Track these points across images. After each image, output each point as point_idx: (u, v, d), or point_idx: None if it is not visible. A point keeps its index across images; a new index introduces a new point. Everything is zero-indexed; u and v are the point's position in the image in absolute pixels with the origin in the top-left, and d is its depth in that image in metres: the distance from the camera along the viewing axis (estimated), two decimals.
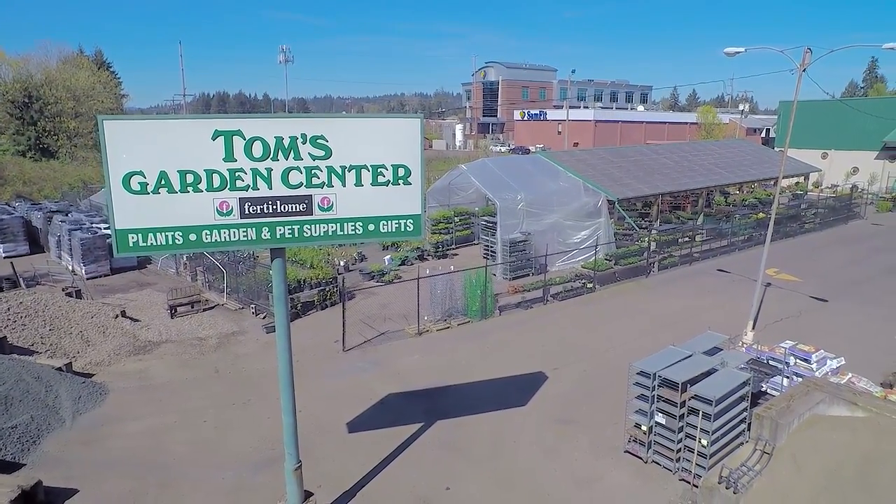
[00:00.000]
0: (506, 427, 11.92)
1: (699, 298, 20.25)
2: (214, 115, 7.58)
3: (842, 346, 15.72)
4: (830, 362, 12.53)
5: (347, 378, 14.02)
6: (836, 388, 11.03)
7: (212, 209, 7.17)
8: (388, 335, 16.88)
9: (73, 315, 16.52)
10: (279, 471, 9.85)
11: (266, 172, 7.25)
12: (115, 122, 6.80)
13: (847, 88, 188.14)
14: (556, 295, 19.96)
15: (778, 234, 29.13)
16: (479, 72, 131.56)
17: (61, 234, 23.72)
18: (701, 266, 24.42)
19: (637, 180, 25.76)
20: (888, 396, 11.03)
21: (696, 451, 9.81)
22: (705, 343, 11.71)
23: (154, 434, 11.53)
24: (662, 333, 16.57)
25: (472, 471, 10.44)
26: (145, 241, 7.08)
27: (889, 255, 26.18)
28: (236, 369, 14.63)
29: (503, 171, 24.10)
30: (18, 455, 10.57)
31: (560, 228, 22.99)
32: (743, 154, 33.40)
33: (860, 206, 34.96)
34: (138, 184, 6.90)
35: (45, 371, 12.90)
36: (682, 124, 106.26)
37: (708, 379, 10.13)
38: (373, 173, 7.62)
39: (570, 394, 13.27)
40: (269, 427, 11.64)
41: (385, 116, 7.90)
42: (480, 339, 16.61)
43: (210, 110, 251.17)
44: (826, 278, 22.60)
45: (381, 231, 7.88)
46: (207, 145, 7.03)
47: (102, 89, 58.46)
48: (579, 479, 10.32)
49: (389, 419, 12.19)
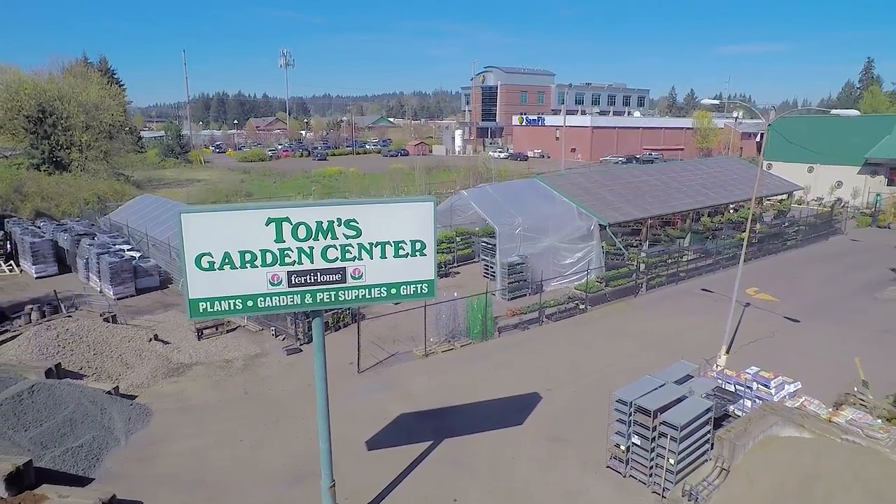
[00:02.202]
0: (505, 444, 13.64)
1: (683, 318, 21.95)
2: (267, 205, 9.24)
3: (807, 366, 17.50)
4: (788, 387, 14.24)
5: (364, 399, 15.73)
6: (789, 411, 12.78)
7: (265, 281, 8.89)
8: (398, 356, 18.60)
9: (112, 339, 18.24)
10: (310, 486, 11.60)
11: (309, 250, 8.96)
12: (190, 216, 8.50)
13: (844, 89, 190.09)
14: (551, 316, 21.69)
15: (761, 252, 30.95)
16: (477, 76, 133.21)
17: (89, 257, 25.41)
18: (687, 285, 26.14)
19: (628, 203, 27.48)
20: (832, 419, 12.75)
21: (665, 468, 11.54)
22: (678, 372, 13.43)
23: (197, 452, 13.25)
24: (646, 354, 18.31)
25: (476, 485, 12.17)
26: (212, 307, 8.80)
27: (863, 272, 27.90)
28: (263, 391, 16.35)
29: (502, 196, 25.82)
30: (87, 470, 12.30)
31: (555, 251, 24.71)
32: (730, 173, 35.10)
33: (841, 222, 36.70)
34: (207, 262, 8.62)
35: (98, 395, 14.61)
36: (679, 129, 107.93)
37: (676, 407, 11.85)
38: (395, 248, 9.34)
39: (561, 413, 14.99)
40: (298, 445, 13.38)
41: (404, 201, 9.62)
42: (482, 361, 18.34)
43: (209, 111, 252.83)
44: (802, 298, 24.32)
45: (401, 293, 9.60)
46: (261, 230, 8.74)
47: (112, 102, 60.05)
48: (568, 492, 12.03)
49: (403, 437, 13.91)
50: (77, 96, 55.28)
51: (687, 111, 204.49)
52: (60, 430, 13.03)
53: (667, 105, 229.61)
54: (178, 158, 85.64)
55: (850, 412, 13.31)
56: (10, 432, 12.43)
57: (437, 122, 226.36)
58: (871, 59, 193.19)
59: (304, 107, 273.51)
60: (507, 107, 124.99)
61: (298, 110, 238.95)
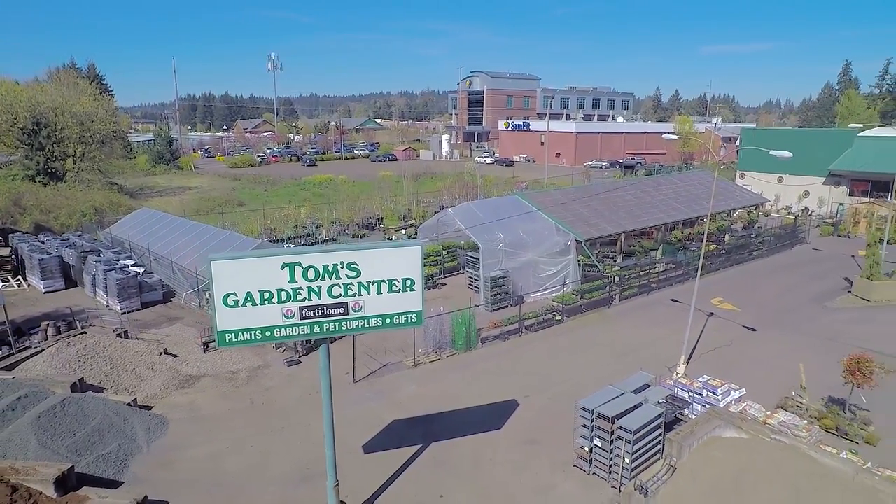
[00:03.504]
0: (485, 447, 15.46)
1: (652, 329, 23.89)
2: (282, 252, 10.96)
3: (757, 373, 19.52)
4: (734, 393, 16.21)
5: (359, 407, 17.48)
6: (731, 415, 14.71)
7: (280, 315, 10.63)
8: (389, 367, 20.37)
9: (126, 354, 19.85)
10: (315, 486, 13.35)
11: (317, 288, 10.71)
12: (219, 263, 10.20)
13: (823, 90, 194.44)
14: (530, 327, 23.55)
15: (728, 263, 33.08)
16: (464, 81, 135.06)
17: (96, 273, 26.88)
18: (658, 296, 28.13)
19: (603, 219, 29.43)
20: (767, 421, 14.73)
21: (622, 466, 13.42)
22: (636, 382, 15.34)
23: (212, 458, 14.94)
24: (615, 364, 20.22)
25: (460, 483, 13.97)
26: (237, 337, 10.52)
27: (820, 282, 30.07)
28: (268, 400, 18.05)
29: (484, 213, 27.65)
30: (117, 475, 13.96)
31: (534, 265, 26.59)
32: (701, 186, 37.18)
33: (805, 231, 38.96)
34: (233, 300, 10.34)
35: (120, 406, 16.25)
36: (660, 134, 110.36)
37: (632, 413, 13.73)
38: (389, 285, 11.11)
39: (535, 419, 16.84)
40: (302, 451, 15.12)
41: (396, 246, 11.37)
42: (466, 370, 20.16)
43: (196, 112, 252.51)
44: (761, 307, 26.39)
45: (395, 323, 11.38)
46: (277, 273, 10.48)
47: (105, 113, 61.15)
48: (540, 489, 13.88)
49: (395, 442, 15.69)
50: (70, 107, 56.43)
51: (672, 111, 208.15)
52: (91, 439, 14.66)
53: (652, 105, 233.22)
54: (169, 165, 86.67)
55: (782, 415, 15.31)
56: (49, 441, 14.04)
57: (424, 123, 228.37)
58: (849, 62, 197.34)
59: (291, 107, 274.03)
60: (493, 111, 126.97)
61: (285, 111, 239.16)
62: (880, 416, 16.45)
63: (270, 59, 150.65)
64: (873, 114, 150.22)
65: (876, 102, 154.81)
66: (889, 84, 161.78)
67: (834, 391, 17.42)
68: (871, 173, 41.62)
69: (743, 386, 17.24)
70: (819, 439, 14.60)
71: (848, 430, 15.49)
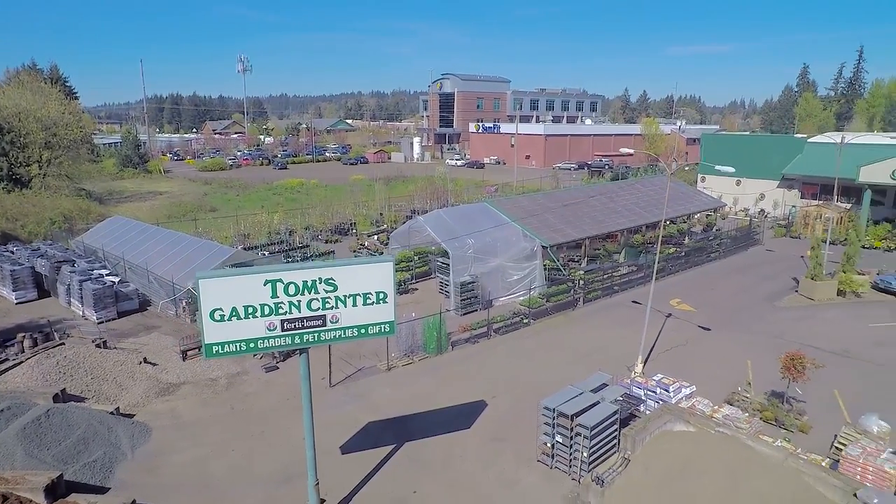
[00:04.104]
0: (455, 445, 16.50)
1: (613, 330, 25.21)
2: (265, 269, 11.76)
3: (709, 370, 20.95)
4: (685, 390, 17.54)
5: (337, 410, 18.35)
6: (680, 411, 16.04)
7: (263, 328, 11.48)
8: (364, 371, 21.27)
9: (106, 364, 20.35)
10: (296, 486, 14.21)
11: (297, 302, 11.59)
12: (206, 280, 11.00)
13: (784, 92, 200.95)
14: (498, 330, 24.67)
15: (688, 265, 34.74)
16: (435, 83, 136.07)
17: (71, 283, 27.13)
18: (620, 298, 29.55)
19: (568, 225, 30.75)
20: (713, 415, 16.08)
21: (580, 460, 14.59)
22: (595, 381, 16.54)
23: (197, 462, 15.66)
24: (577, 364, 21.45)
25: (432, 479, 14.98)
26: (223, 349, 11.34)
27: (771, 282, 31.89)
28: (247, 406, 18.79)
29: (454, 220, 28.71)
30: (103, 481, 14.59)
31: (503, 270, 27.75)
32: (663, 191, 38.81)
33: (760, 233, 40.99)
34: (219, 315, 11.16)
35: (103, 415, 16.83)
36: (627, 136, 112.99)
37: (589, 411, 14.91)
38: (363, 298, 12.05)
39: (503, 418, 17.94)
40: (283, 453, 15.94)
41: (369, 262, 12.31)
42: (437, 373, 21.17)
43: (163, 113, 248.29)
44: (716, 307, 27.99)
45: (369, 333, 12.32)
46: (260, 289, 11.33)
47: (72, 119, 60.41)
48: (506, 482, 14.96)
49: (371, 442, 16.61)
50: (35, 112, 55.68)
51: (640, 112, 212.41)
52: (76, 448, 15.25)
53: (620, 106, 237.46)
54: (138, 169, 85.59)
55: (727, 409, 16.70)
56: (35, 451, 14.60)
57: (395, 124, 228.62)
58: (807, 66, 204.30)
59: (260, 107, 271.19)
60: (463, 113, 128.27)
61: (255, 111, 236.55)
62: (814, 406, 18.00)
63: (240, 60, 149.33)
64: (829, 115, 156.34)
65: (832, 104, 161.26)
66: (843, 87, 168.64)
67: (776, 385, 18.91)
68: (820, 177, 43.88)
69: (695, 383, 18.59)
70: (759, 430, 15.98)
71: (785, 420, 16.96)
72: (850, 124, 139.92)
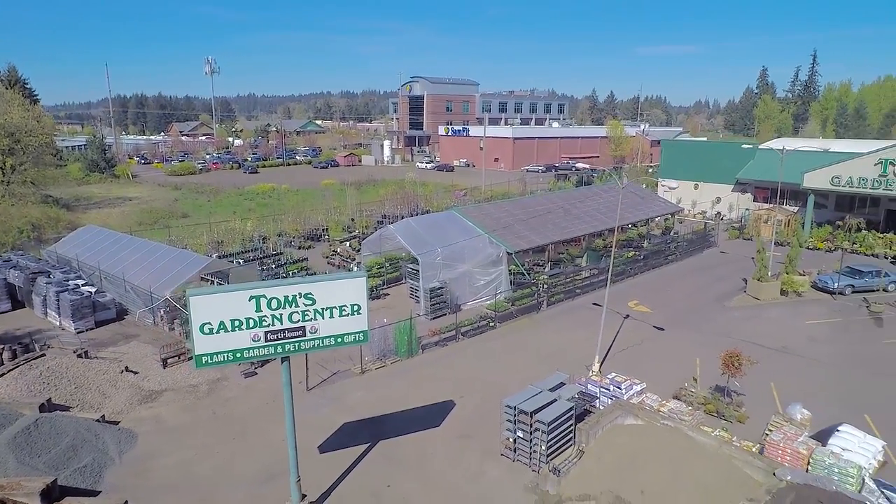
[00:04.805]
0: (426, 442, 17.79)
1: (574, 331, 26.77)
2: (250, 286, 12.87)
3: (661, 368, 22.63)
4: (636, 387, 19.15)
5: (314, 412, 19.45)
6: (630, 406, 17.61)
7: (249, 339, 12.60)
8: (339, 374, 22.41)
9: (88, 373, 21.07)
10: (278, 484, 15.33)
11: (279, 315, 12.74)
12: (196, 297, 12.08)
13: (745, 93, 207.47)
14: (466, 333, 26.04)
15: (646, 267, 36.65)
16: (404, 86, 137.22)
17: (47, 294, 27.58)
18: (582, 300, 31.20)
19: (532, 231, 32.32)
20: (659, 410, 17.70)
21: (539, 453, 16.03)
22: (553, 381, 18.01)
23: (183, 465, 16.63)
24: (539, 365, 22.91)
25: (405, 474, 16.24)
26: (212, 359, 12.43)
27: (723, 283, 33.97)
28: (228, 411, 19.77)
29: (423, 229, 29.99)
30: (94, 485, 15.47)
31: (470, 275, 29.14)
32: (626, 197, 40.70)
33: (715, 235, 43.27)
34: (208, 329, 12.24)
35: (89, 423, 17.65)
36: (594, 138, 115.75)
37: (547, 408, 16.35)
38: (339, 310, 13.25)
39: (470, 416, 19.30)
40: (264, 454, 17.01)
41: (344, 277, 13.52)
42: (408, 375, 22.43)
43: (127, 113, 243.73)
44: (670, 308, 29.84)
45: (345, 341, 13.54)
46: (246, 304, 12.45)
47: (37, 125, 59.78)
48: (472, 475, 16.31)
49: (347, 441, 17.79)
50: None
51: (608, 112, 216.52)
52: (66, 455, 16.08)
53: (588, 107, 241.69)
54: (104, 173, 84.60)
55: (673, 403, 18.36)
56: (27, 459, 15.40)
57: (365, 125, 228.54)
58: (766, 68, 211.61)
59: (228, 108, 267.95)
60: (433, 116, 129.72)
61: (223, 111, 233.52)
62: (752, 399, 19.82)
63: (208, 62, 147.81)
64: (788, 117, 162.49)
65: (790, 106, 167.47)
66: (800, 89, 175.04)
67: (720, 381, 20.64)
68: (770, 182, 46.38)
69: (647, 380, 20.23)
70: (700, 421, 17.68)
71: (725, 412, 18.71)
72: (806, 126, 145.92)
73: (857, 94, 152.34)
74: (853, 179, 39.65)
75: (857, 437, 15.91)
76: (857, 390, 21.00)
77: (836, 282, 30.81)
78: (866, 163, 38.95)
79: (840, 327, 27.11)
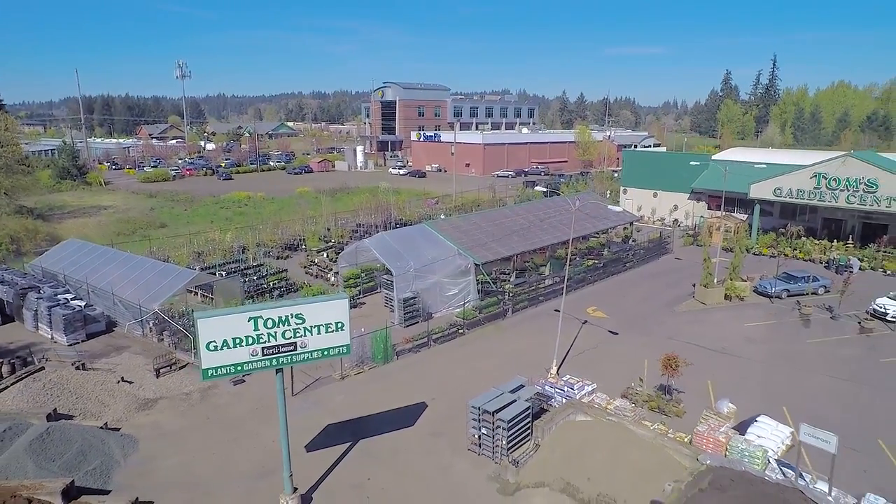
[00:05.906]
0: (401, 440, 19.99)
1: (537, 336, 29.20)
2: (249, 308, 14.93)
3: (612, 369, 25.17)
4: (587, 387, 21.65)
5: (300, 415, 21.45)
6: (581, 404, 20.08)
7: (248, 354, 14.66)
8: (322, 380, 24.45)
9: (87, 384, 22.74)
10: (273, 479, 17.37)
11: (274, 333, 14.82)
12: (204, 320, 14.10)
13: (710, 96, 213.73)
14: (437, 340, 28.30)
15: (605, 274, 39.36)
16: (376, 91, 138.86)
17: (39, 308, 28.97)
18: (544, 307, 33.69)
19: (498, 243, 34.74)
20: (607, 407, 20.22)
21: (501, 447, 18.37)
22: (514, 383, 20.38)
23: (184, 466, 18.53)
24: (503, 369, 25.24)
25: (383, 468, 18.42)
26: (216, 372, 14.46)
27: (674, 289, 36.85)
28: (220, 416, 21.68)
29: (397, 242, 32.16)
30: (104, 486, 17.30)
31: (441, 286, 31.41)
32: (586, 208, 43.45)
33: (671, 242, 46.32)
34: (213, 346, 14.26)
35: (94, 430, 19.43)
36: (563, 143, 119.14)
37: (507, 408, 18.71)
38: (325, 327, 15.39)
39: (440, 416, 21.56)
40: (256, 453, 19.01)
41: (329, 299, 15.66)
42: (385, 380, 24.60)
43: (93, 115, 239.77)
44: (625, 313, 32.54)
45: (330, 354, 15.69)
46: (245, 324, 14.51)
47: (6, 132, 60.06)
48: (442, 468, 18.58)
49: (331, 441, 19.89)
50: None
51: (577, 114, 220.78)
52: (77, 459, 17.87)
53: (559, 108, 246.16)
54: (76, 181, 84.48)
55: (619, 401, 20.90)
56: (44, 463, 17.16)
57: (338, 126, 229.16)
58: (730, 72, 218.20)
59: (198, 107, 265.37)
60: (405, 121, 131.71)
61: (192, 112, 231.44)
62: (690, 396, 22.49)
63: (179, 66, 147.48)
64: (750, 120, 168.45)
65: (752, 109, 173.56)
66: (761, 92, 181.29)
67: (664, 380, 23.26)
68: (721, 191, 49.72)
69: (599, 381, 22.77)
70: (643, 417, 20.23)
71: (665, 408, 21.32)
72: (767, 129, 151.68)
73: (812, 99, 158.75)
74: (793, 191, 43.11)
75: (771, 426, 18.66)
76: (780, 385, 23.88)
77: (774, 286, 33.92)
78: (803, 176, 42.42)
79: (774, 329, 30.13)
